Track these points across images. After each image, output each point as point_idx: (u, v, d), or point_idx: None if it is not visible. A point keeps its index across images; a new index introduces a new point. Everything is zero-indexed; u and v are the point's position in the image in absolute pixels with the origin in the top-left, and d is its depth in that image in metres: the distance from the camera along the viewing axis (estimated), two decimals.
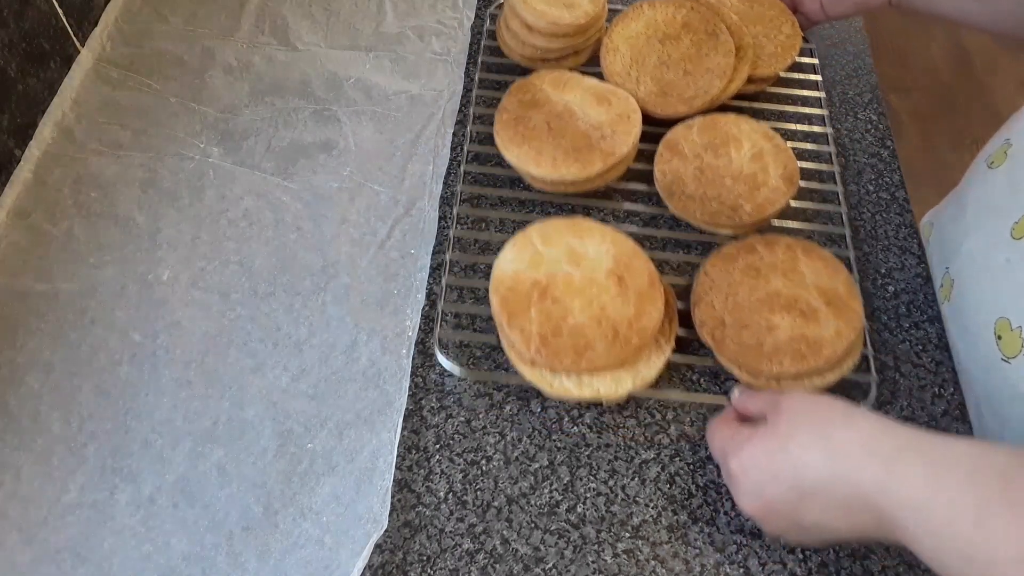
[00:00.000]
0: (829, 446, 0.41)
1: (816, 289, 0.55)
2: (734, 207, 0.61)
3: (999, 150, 0.59)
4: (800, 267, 0.56)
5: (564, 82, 0.66)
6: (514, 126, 0.63)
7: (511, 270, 0.55)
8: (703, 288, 0.57)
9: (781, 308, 0.54)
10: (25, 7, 0.63)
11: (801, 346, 0.53)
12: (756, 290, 0.55)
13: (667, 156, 0.64)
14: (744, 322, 0.54)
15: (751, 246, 0.58)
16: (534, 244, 0.56)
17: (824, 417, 0.42)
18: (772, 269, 0.56)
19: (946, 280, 0.61)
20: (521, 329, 0.52)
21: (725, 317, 0.55)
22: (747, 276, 0.56)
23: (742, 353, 0.53)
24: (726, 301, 0.55)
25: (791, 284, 0.55)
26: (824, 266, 0.57)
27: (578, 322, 0.52)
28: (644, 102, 0.67)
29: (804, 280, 0.56)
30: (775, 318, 0.54)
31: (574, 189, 0.63)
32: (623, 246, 0.56)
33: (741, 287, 0.56)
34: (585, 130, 0.63)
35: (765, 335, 0.53)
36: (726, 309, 0.55)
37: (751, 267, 0.56)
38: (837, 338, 0.53)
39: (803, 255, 0.57)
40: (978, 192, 0.60)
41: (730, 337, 0.54)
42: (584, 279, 0.54)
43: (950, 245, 0.61)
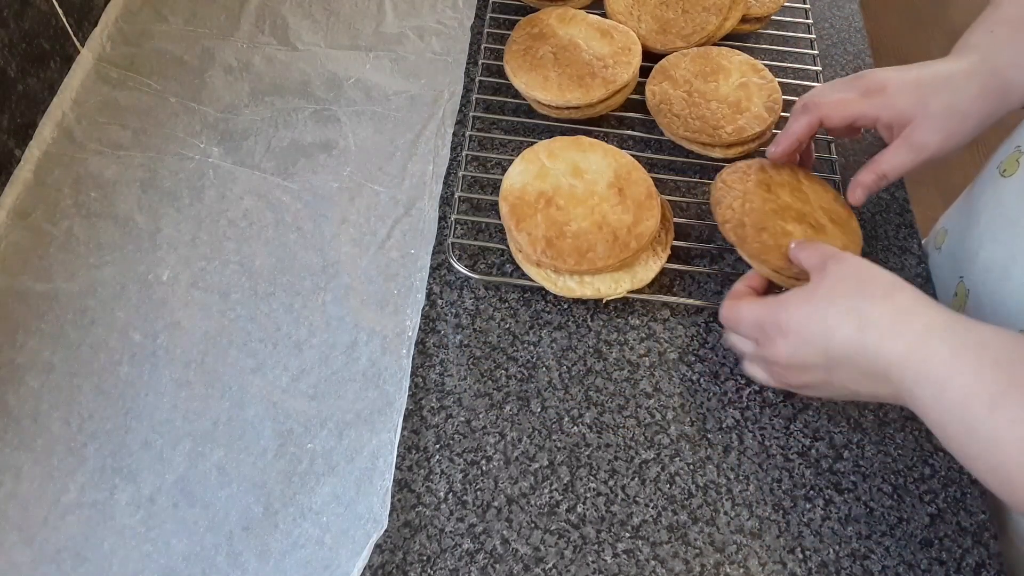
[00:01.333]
0: (861, 319, 0.43)
1: (820, 208, 0.58)
2: (715, 127, 0.65)
3: (1011, 158, 0.58)
4: (804, 188, 0.59)
5: (569, 18, 0.71)
6: (522, 55, 0.68)
7: (519, 182, 0.59)
8: (721, 192, 0.59)
9: (793, 219, 0.56)
10: (25, 7, 0.63)
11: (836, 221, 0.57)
12: (769, 201, 0.57)
13: (659, 79, 0.69)
14: (762, 224, 0.56)
15: (760, 165, 0.60)
16: (540, 159, 0.61)
17: (864, 290, 0.44)
18: (781, 186, 0.59)
19: (960, 289, 0.60)
20: (528, 233, 0.57)
21: (744, 219, 0.56)
22: (760, 188, 0.58)
23: (764, 251, 0.55)
24: (743, 206, 0.57)
25: (799, 201, 0.58)
26: (824, 190, 0.60)
27: (581, 227, 0.57)
28: (644, 38, 0.72)
29: (809, 199, 0.59)
30: (788, 226, 0.56)
31: (578, 115, 0.68)
32: (623, 161, 0.61)
33: (755, 196, 0.57)
34: (588, 60, 0.68)
35: (782, 238, 0.55)
36: (744, 212, 0.57)
37: (762, 182, 0.59)
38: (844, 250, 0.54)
39: (805, 179, 0.60)
40: (990, 201, 0.59)
41: (751, 236, 0.56)
42: (586, 190, 0.59)
43: (965, 254, 0.61)
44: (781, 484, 0.52)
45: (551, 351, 0.57)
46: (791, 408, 0.56)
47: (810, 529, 0.51)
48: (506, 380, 0.56)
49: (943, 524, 0.51)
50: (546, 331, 0.58)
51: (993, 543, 0.51)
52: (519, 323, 0.59)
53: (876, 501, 0.52)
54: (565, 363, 0.57)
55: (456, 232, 0.63)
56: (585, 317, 0.59)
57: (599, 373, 0.57)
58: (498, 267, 0.61)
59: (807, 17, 0.79)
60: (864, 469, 0.53)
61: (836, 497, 0.52)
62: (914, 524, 0.51)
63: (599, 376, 0.56)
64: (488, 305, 0.60)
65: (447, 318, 0.59)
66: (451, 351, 0.57)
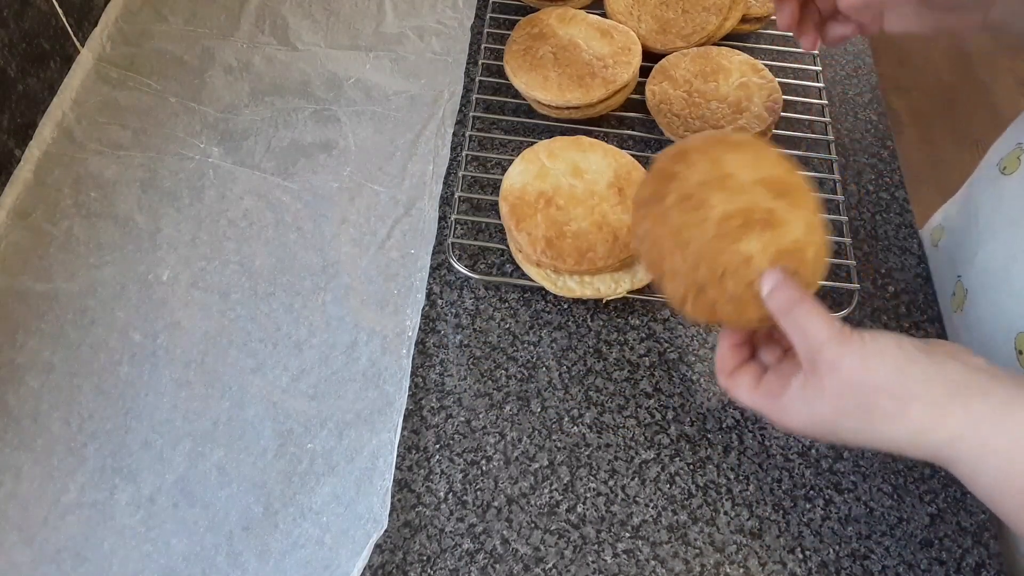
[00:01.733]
0: (880, 439, 0.39)
1: (758, 184, 0.45)
2: (715, 127, 0.65)
3: (1011, 155, 0.57)
4: (727, 168, 0.46)
5: (569, 18, 0.71)
6: (522, 55, 0.69)
7: (519, 182, 0.59)
8: (653, 256, 0.45)
9: (740, 229, 0.44)
10: (25, 7, 0.63)
11: (785, 262, 0.44)
12: (705, 225, 0.44)
13: (659, 79, 0.69)
14: (719, 269, 0.44)
15: (665, 172, 0.46)
16: (540, 159, 0.60)
17: (872, 413, 0.38)
18: (703, 188, 0.45)
19: (958, 289, 0.60)
20: (528, 233, 0.57)
21: (696, 276, 0.44)
22: (685, 212, 0.45)
23: (740, 309, 0.44)
24: (685, 255, 0.44)
25: (732, 194, 0.45)
26: (750, 154, 0.47)
27: (581, 227, 0.57)
28: (644, 38, 0.72)
29: (740, 181, 0.45)
30: (744, 246, 0.44)
31: (577, 115, 0.68)
32: (623, 161, 0.61)
33: (687, 229, 0.44)
34: (588, 60, 0.68)
35: (747, 271, 0.44)
36: (691, 266, 0.44)
37: (683, 198, 0.45)
38: (810, 231, 0.45)
39: (724, 151, 0.46)
40: (990, 199, 0.58)
41: (717, 300, 0.44)
42: (586, 190, 0.59)
43: (962, 253, 0.60)
44: (781, 484, 0.53)
45: (551, 351, 0.57)
46: None
47: (810, 529, 0.51)
48: (506, 380, 0.56)
49: (943, 524, 0.51)
50: (546, 331, 0.58)
51: (993, 543, 0.51)
52: (519, 323, 0.59)
53: (876, 501, 0.52)
54: (565, 363, 0.57)
55: (456, 232, 0.63)
56: (585, 317, 0.59)
57: (599, 373, 0.57)
58: (498, 267, 0.61)
59: None
60: (864, 469, 0.53)
61: (836, 497, 0.52)
62: (914, 524, 0.51)
63: (599, 376, 0.56)
64: (488, 305, 0.60)
65: (447, 318, 0.59)
66: (451, 351, 0.57)
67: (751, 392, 0.44)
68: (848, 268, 0.61)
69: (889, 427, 0.38)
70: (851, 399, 0.39)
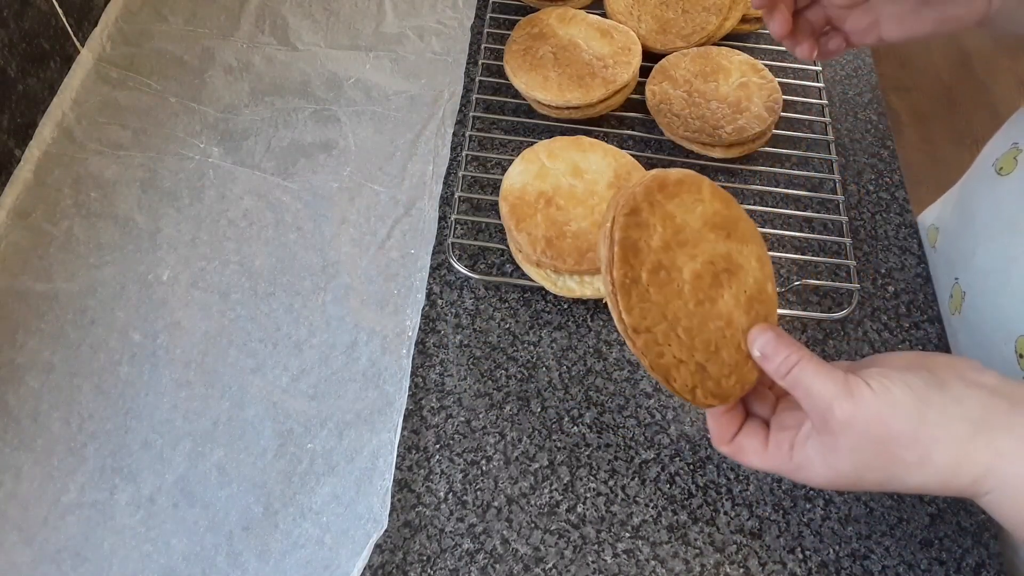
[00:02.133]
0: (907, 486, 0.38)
1: (706, 228, 0.44)
2: (715, 127, 0.65)
3: (1007, 155, 0.56)
4: (676, 219, 0.43)
5: (569, 18, 0.72)
6: (522, 55, 0.69)
7: (519, 182, 0.59)
8: (653, 353, 0.42)
9: (712, 288, 0.43)
10: (25, 7, 0.63)
11: (756, 307, 0.44)
12: (683, 294, 0.42)
13: (659, 79, 0.69)
14: (711, 343, 0.43)
15: (628, 244, 0.42)
16: (540, 159, 0.60)
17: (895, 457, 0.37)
18: (666, 252, 0.43)
19: (956, 291, 0.59)
20: (528, 233, 0.57)
21: (695, 356, 0.42)
22: (661, 287, 0.42)
23: (741, 376, 0.43)
24: (679, 338, 0.42)
25: (691, 249, 0.43)
26: (690, 194, 0.44)
27: (580, 227, 0.57)
28: (644, 38, 0.72)
29: (692, 230, 0.44)
30: (721, 306, 0.43)
31: (578, 115, 0.68)
32: (623, 161, 0.61)
33: (670, 306, 0.42)
34: (588, 60, 0.68)
35: (734, 333, 0.43)
36: (688, 350, 0.42)
37: (653, 271, 0.42)
38: (761, 264, 0.45)
39: (664, 198, 0.43)
40: (986, 200, 0.57)
41: (720, 375, 0.43)
42: (586, 190, 0.59)
43: (959, 255, 0.59)
44: (781, 484, 0.52)
45: (551, 351, 0.57)
46: None
47: (810, 529, 0.51)
48: (506, 380, 0.56)
49: (943, 524, 0.51)
50: (546, 331, 0.58)
51: (993, 543, 0.51)
52: (519, 323, 0.59)
53: (876, 501, 0.52)
54: (565, 363, 0.57)
55: (456, 232, 0.63)
56: (585, 317, 0.59)
57: (599, 373, 0.57)
58: (498, 267, 0.61)
59: None
60: None
61: (836, 497, 0.52)
62: (914, 524, 0.51)
63: (599, 376, 0.56)
64: (488, 305, 0.60)
65: (447, 318, 0.59)
66: (451, 351, 0.57)
67: (761, 457, 0.42)
68: (848, 268, 0.61)
69: (915, 475, 0.37)
70: (870, 453, 0.37)
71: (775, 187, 0.67)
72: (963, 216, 0.61)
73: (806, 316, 0.59)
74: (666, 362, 0.42)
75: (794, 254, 0.63)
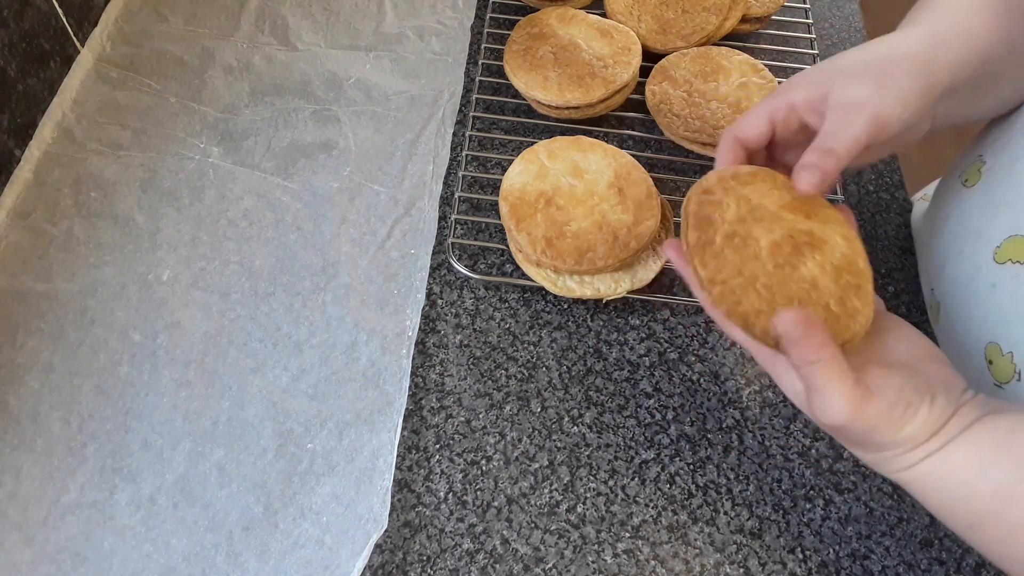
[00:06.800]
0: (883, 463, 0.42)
1: (784, 210, 0.45)
2: (715, 127, 0.65)
3: (972, 167, 0.56)
4: (752, 199, 0.44)
5: (569, 18, 0.72)
6: (522, 55, 0.69)
7: (519, 182, 0.59)
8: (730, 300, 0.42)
9: (793, 255, 0.43)
10: (25, 7, 0.63)
11: (846, 277, 0.43)
12: (760, 258, 0.43)
13: (659, 79, 0.69)
14: (794, 299, 0.42)
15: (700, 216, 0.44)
16: (540, 159, 0.60)
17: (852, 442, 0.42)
18: (742, 224, 0.44)
19: (933, 302, 0.59)
20: (528, 233, 0.57)
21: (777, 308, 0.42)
22: (737, 250, 0.43)
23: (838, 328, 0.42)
24: (759, 291, 0.42)
25: (769, 224, 0.44)
26: (765, 183, 0.46)
27: (581, 227, 0.57)
28: (644, 38, 0.72)
29: (768, 211, 0.44)
30: (804, 271, 0.42)
31: (577, 115, 0.68)
32: (623, 160, 0.61)
33: (747, 266, 0.42)
34: (588, 60, 0.68)
35: (817, 293, 0.42)
36: (769, 302, 0.42)
37: (728, 237, 0.43)
38: (848, 241, 0.44)
39: (737, 184, 0.45)
40: (954, 212, 0.58)
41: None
42: (586, 190, 0.59)
43: (933, 266, 0.60)
44: (781, 484, 0.53)
45: (551, 351, 0.57)
46: (791, 408, 0.56)
47: (810, 529, 0.51)
48: (506, 380, 0.56)
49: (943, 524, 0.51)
50: (546, 331, 0.58)
51: None
52: (519, 323, 0.59)
53: (876, 501, 0.52)
54: (565, 363, 0.57)
55: (456, 232, 0.63)
56: (585, 317, 0.59)
57: (599, 373, 0.57)
58: (498, 267, 0.61)
59: (807, 17, 0.79)
60: (864, 469, 0.53)
61: (836, 497, 0.52)
62: (914, 524, 0.51)
63: (599, 376, 0.56)
64: (488, 305, 0.60)
65: (447, 318, 0.59)
66: (451, 351, 0.57)
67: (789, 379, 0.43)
68: None
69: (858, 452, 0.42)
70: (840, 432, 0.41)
71: None
72: (934, 228, 0.61)
73: None
74: (744, 309, 0.42)
75: None
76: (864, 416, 0.39)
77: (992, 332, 0.52)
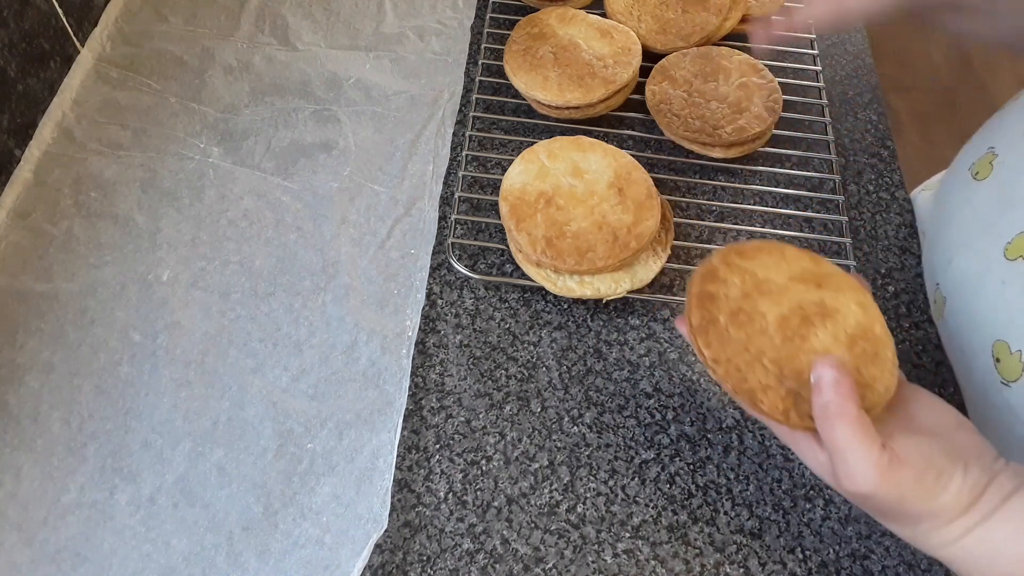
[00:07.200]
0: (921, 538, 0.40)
1: (793, 282, 0.44)
2: (715, 127, 0.65)
3: (983, 159, 0.56)
4: (759, 274, 0.45)
5: (569, 18, 0.72)
6: (522, 55, 0.69)
7: (519, 182, 0.59)
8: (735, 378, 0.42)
9: (802, 327, 0.43)
10: (25, 7, 0.63)
11: (862, 344, 0.43)
12: (767, 332, 0.43)
13: (659, 79, 0.69)
14: (803, 372, 0.42)
15: (704, 295, 0.44)
16: (540, 159, 0.60)
17: (886, 515, 0.40)
18: (747, 299, 0.44)
19: (938, 297, 0.59)
20: (528, 233, 0.57)
21: (785, 383, 0.42)
22: (742, 327, 0.43)
23: None
24: (765, 366, 0.42)
25: (777, 297, 0.44)
26: (772, 256, 0.46)
27: (581, 227, 0.57)
28: (644, 38, 0.72)
29: (777, 283, 0.44)
30: (814, 342, 0.42)
31: (578, 115, 0.68)
32: (623, 161, 0.61)
33: (753, 342, 0.42)
34: (588, 60, 0.68)
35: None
36: (776, 376, 0.42)
37: (733, 314, 0.43)
38: (863, 308, 0.44)
39: (741, 259, 0.45)
40: (963, 205, 0.57)
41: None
42: (586, 190, 0.59)
43: (939, 260, 0.59)
44: (781, 484, 0.52)
45: (551, 351, 0.57)
46: None
47: (810, 529, 0.51)
48: (506, 380, 0.56)
49: None
50: (546, 331, 0.58)
51: None
52: (519, 323, 0.59)
53: None
54: (565, 363, 0.57)
55: (456, 232, 0.63)
56: (585, 317, 0.59)
57: (599, 373, 0.57)
58: (498, 267, 0.61)
59: None
60: None
61: (836, 497, 0.52)
62: None
63: (599, 376, 0.56)
64: (488, 305, 0.60)
65: (447, 318, 0.59)
66: (451, 351, 0.57)
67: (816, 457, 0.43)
68: (848, 268, 0.61)
69: (895, 527, 0.41)
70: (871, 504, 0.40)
71: (775, 187, 0.67)
72: (941, 220, 0.60)
73: None
74: (751, 386, 0.41)
75: None
76: (892, 483, 0.37)
77: (1001, 329, 0.51)
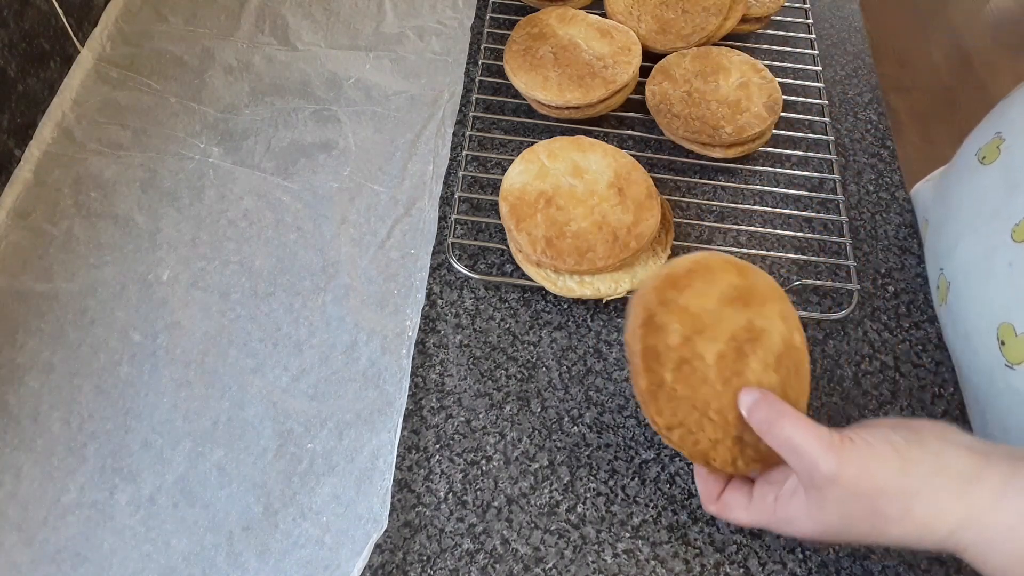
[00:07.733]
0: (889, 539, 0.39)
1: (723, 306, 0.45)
2: (715, 127, 0.65)
3: (990, 144, 0.57)
4: (693, 309, 0.44)
5: (569, 18, 0.72)
6: (522, 55, 0.69)
7: (519, 182, 0.59)
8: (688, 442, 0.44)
9: (737, 362, 0.44)
10: (25, 7, 0.63)
11: (785, 362, 0.45)
12: (709, 379, 0.43)
13: (659, 79, 0.69)
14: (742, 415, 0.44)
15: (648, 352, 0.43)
16: (540, 159, 0.60)
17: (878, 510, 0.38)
18: (687, 345, 0.44)
19: (942, 282, 0.59)
20: (528, 233, 0.57)
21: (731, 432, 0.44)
22: (687, 381, 0.44)
23: None
24: (713, 419, 0.44)
25: (712, 332, 0.44)
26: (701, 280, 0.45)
27: (581, 227, 0.57)
28: (644, 38, 0.72)
29: (710, 314, 0.44)
30: (748, 375, 0.44)
31: (577, 115, 0.68)
32: (623, 161, 0.61)
33: (698, 393, 0.43)
34: (588, 60, 0.68)
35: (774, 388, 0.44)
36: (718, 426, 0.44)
37: (677, 367, 0.43)
38: (784, 319, 0.46)
39: (676, 294, 0.45)
40: (969, 189, 0.58)
41: (756, 440, 0.43)
42: (586, 190, 0.59)
43: (944, 245, 0.60)
44: None
45: (551, 351, 0.57)
46: None
47: None
48: (506, 380, 0.56)
49: None
50: (546, 331, 0.58)
51: None
52: (519, 323, 0.59)
53: None
54: (565, 363, 0.57)
55: (456, 232, 0.63)
56: (585, 317, 0.59)
57: (599, 373, 0.57)
58: (498, 267, 0.61)
59: (807, 17, 0.79)
60: None
61: None
62: None
63: (599, 376, 0.56)
64: (488, 305, 0.60)
65: (447, 318, 0.59)
66: (451, 351, 0.57)
67: (747, 512, 0.44)
68: (848, 268, 0.61)
69: (895, 529, 0.38)
70: (856, 507, 0.39)
71: (775, 187, 0.67)
72: (946, 206, 0.61)
73: (806, 316, 0.59)
74: (703, 448, 0.44)
75: (794, 254, 0.63)
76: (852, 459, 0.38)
77: (1006, 312, 0.51)
